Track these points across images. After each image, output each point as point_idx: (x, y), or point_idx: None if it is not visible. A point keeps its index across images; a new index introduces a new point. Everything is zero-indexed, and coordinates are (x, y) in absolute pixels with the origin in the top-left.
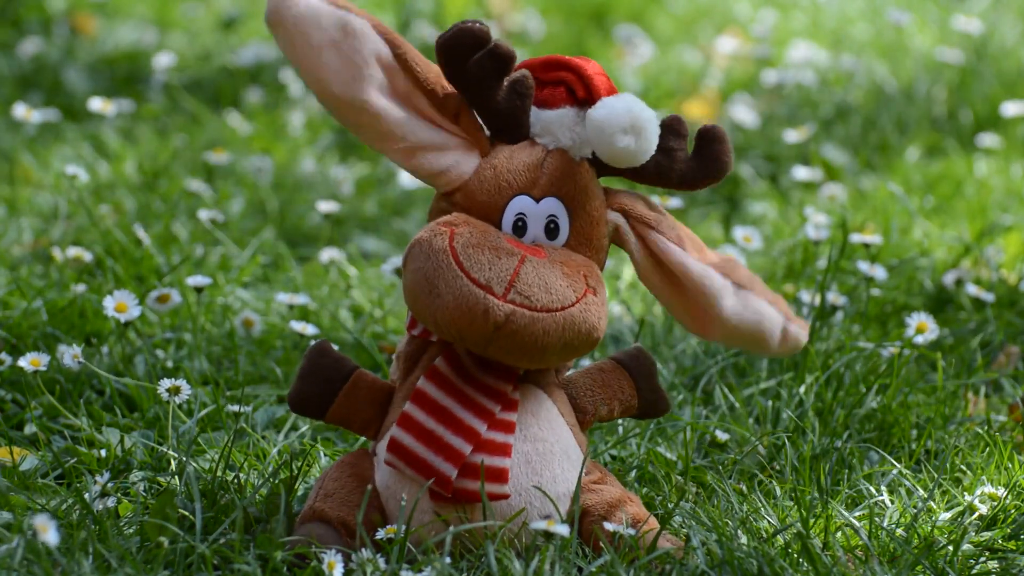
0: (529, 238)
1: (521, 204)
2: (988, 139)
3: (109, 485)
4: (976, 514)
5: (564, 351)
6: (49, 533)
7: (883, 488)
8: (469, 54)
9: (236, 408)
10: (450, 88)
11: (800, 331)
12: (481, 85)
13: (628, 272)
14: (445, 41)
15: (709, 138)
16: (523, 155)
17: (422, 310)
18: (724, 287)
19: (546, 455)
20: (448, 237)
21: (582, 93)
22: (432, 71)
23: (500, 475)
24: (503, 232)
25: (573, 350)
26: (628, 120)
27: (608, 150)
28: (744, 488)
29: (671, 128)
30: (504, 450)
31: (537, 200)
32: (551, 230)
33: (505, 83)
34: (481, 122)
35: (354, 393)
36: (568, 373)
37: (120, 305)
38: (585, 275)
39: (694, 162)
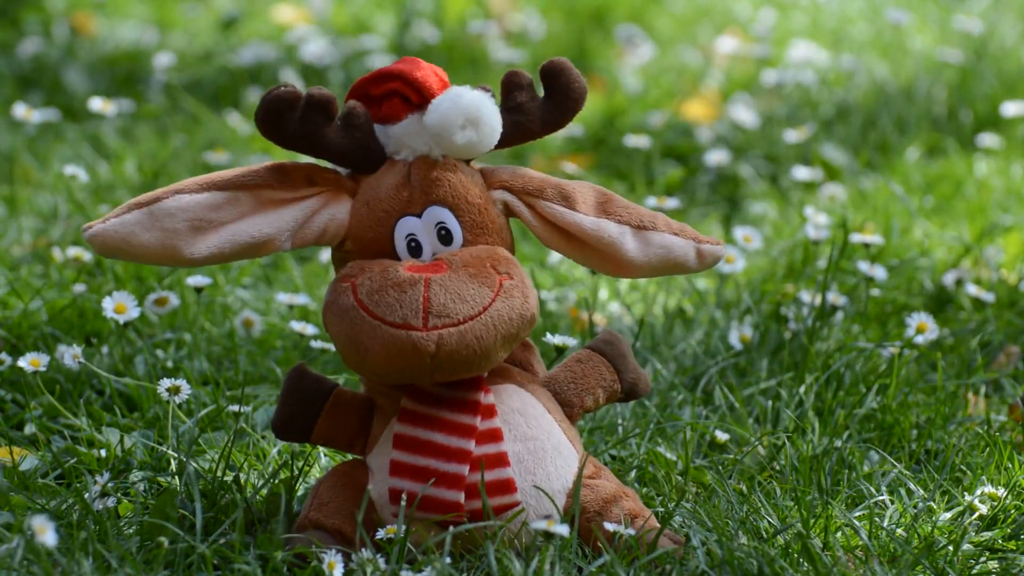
0: (428, 253)
1: (406, 225)
2: (988, 139)
3: (109, 485)
4: (976, 514)
5: (506, 344)
6: (48, 534)
7: (883, 488)
8: (288, 117)
9: (236, 408)
10: (287, 163)
11: (714, 247)
12: (315, 138)
13: None
14: (261, 118)
15: (553, 73)
16: (388, 179)
17: (359, 367)
18: (621, 232)
19: (537, 453)
20: (351, 291)
21: (416, 99)
22: (260, 168)
23: (507, 486)
24: (402, 260)
25: (515, 338)
26: (461, 116)
27: (453, 149)
28: (744, 488)
29: (511, 84)
30: (501, 460)
31: (419, 215)
32: (444, 236)
33: (336, 123)
34: (336, 167)
35: (336, 410)
36: (549, 371)
37: (119, 306)
38: (492, 265)
39: (549, 103)
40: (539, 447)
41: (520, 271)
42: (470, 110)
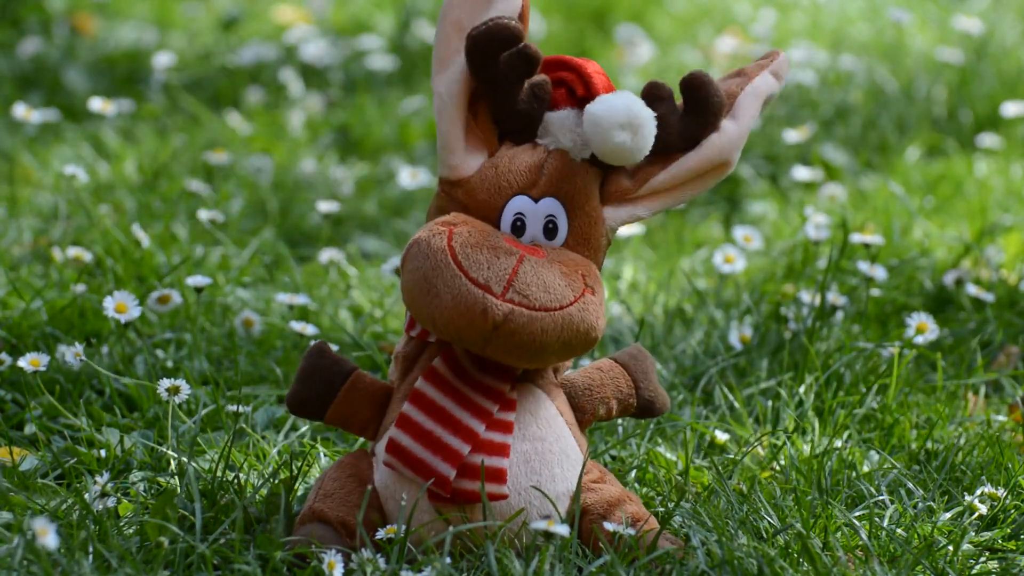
0: (528, 238)
1: (520, 204)
2: (988, 139)
3: (109, 485)
4: (976, 514)
5: (562, 350)
6: (49, 536)
7: (883, 488)
8: (499, 51)
9: (236, 408)
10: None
11: (779, 60)
12: (507, 83)
13: (628, 272)
14: (479, 35)
15: (694, 87)
16: (525, 156)
17: (420, 310)
18: (724, 135)
19: (545, 455)
20: (447, 236)
21: (581, 91)
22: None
23: (499, 475)
24: (502, 232)
25: (571, 349)
26: (625, 116)
27: (604, 146)
28: (744, 488)
29: (651, 96)
30: (502, 450)
31: (536, 200)
32: (549, 230)
33: (526, 85)
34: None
35: (353, 394)
36: (567, 373)
37: (120, 305)
38: (583, 275)
39: (688, 117)
40: (547, 449)
41: (603, 294)
42: (634, 113)
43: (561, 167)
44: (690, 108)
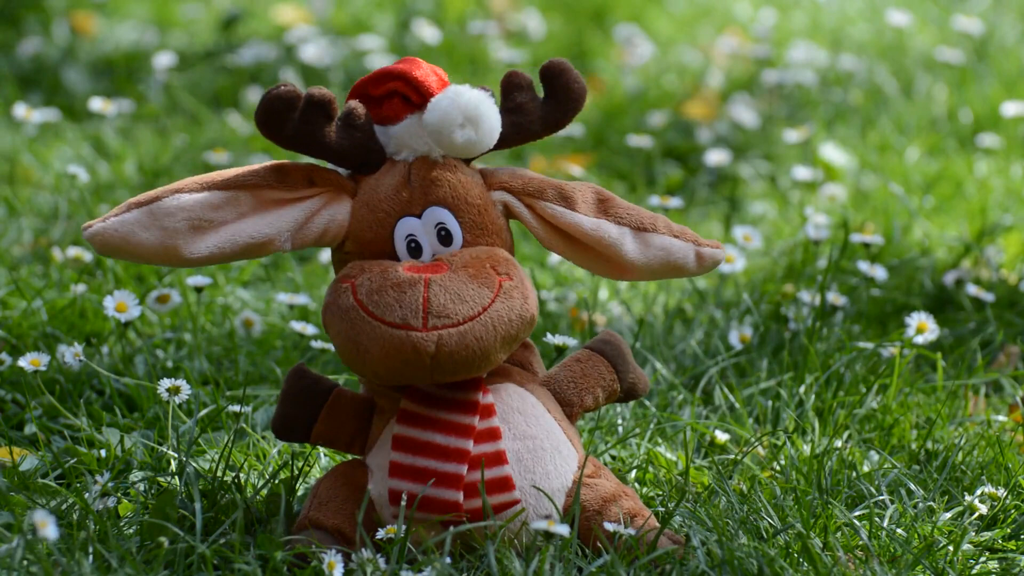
0: (428, 253)
1: (406, 226)
2: (988, 139)
3: (109, 485)
4: (976, 514)
5: (507, 345)
6: (49, 528)
7: (883, 488)
8: (288, 116)
9: (236, 408)
10: (287, 163)
11: (714, 250)
12: (315, 138)
13: None
14: (261, 117)
15: (553, 74)
16: (388, 179)
17: (358, 368)
18: (621, 234)
19: (537, 451)
20: (351, 292)
21: (416, 98)
22: (260, 168)
23: (505, 484)
24: (402, 261)
25: (514, 340)
26: (460, 114)
27: (452, 148)
28: (744, 488)
29: (511, 84)
30: (499, 458)
31: (419, 215)
32: (444, 237)
33: (336, 123)
34: (336, 168)
35: (335, 411)
36: (549, 371)
37: (120, 305)
38: (492, 266)
39: (549, 104)
40: (538, 446)
41: (520, 272)
42: (469, 109)
43: (426, 173)
44: (551, 95)
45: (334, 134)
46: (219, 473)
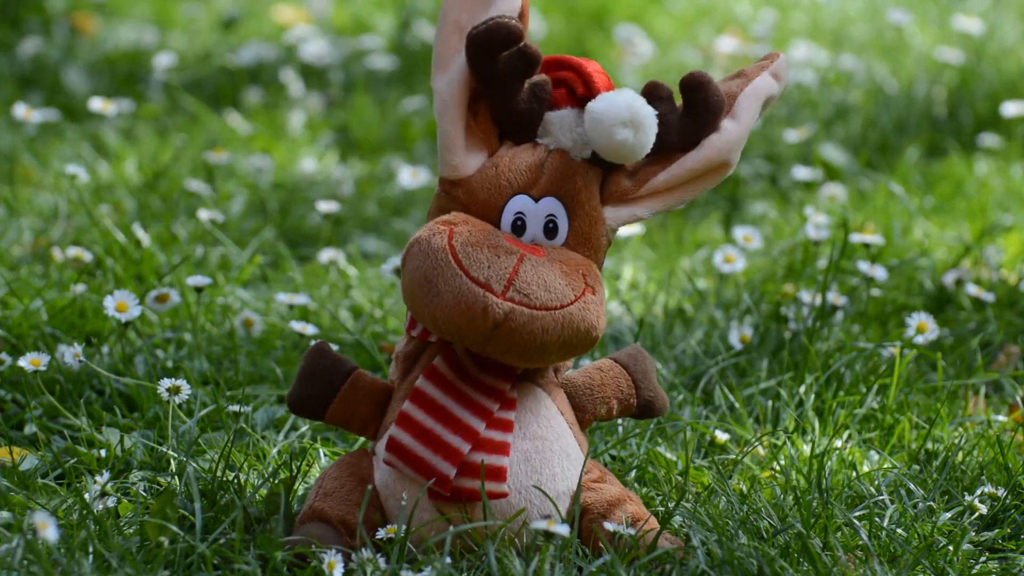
0: (528, 237)
1: (520, 203)
2: (988, 139)
3: (109, 485)
4: (976, 514)
5: (562, 350)
6: (49, 530)
7: (883, 488)
8: (500, 50)
9: (236, 408)
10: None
11: (778, 61)
12: (506, 83)
13: (628, 272)
14: (478, 34)
15: (693, 87)
16: (525, 156)
17: (421, 309)
18: (724, 135)
19: (546, 453)
20: (447, 236)
21: (582, 91)
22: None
23: (498, 474)
24: (502, 231)
25: (571, 349)
26: (627, 114)
27: (606, 144)
28: (744, 488)
29: (652, 95)
30: (502, 449)
31: (536, 200)
32: (550, 229)
33: (527, 85)
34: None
35: (353, 393)
36: (567, 373)
37: (120, 305)
38: (584, 274)
39: (688, 118)
40: (548, 447)
41: (604, 293)
42: (636, 111)
43: (561, 166)
44: (689, 108)
45: (521, 92)
46: (219, 473)
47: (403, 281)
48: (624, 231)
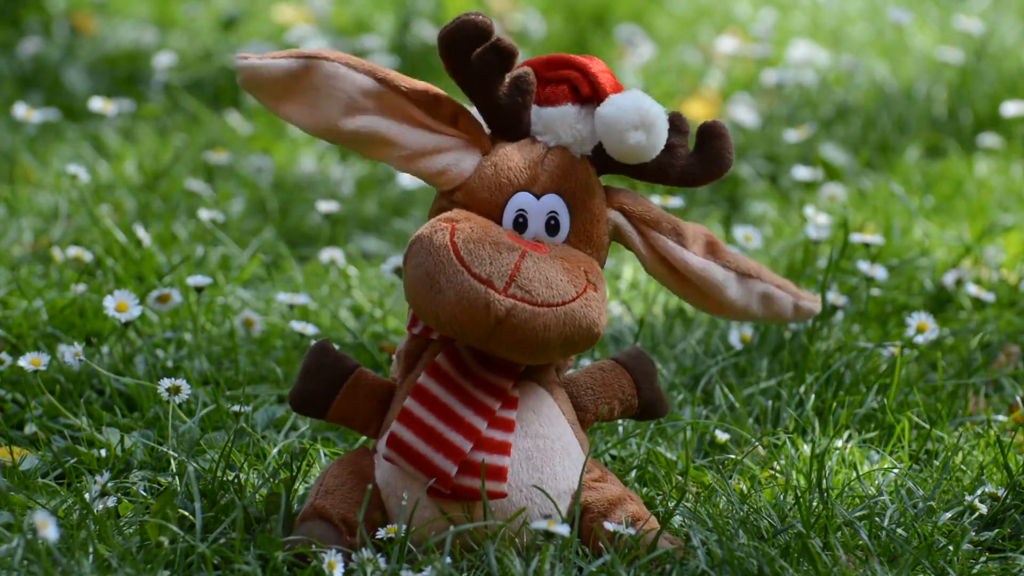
0: (530, 234)
1: (522, 201)
2: (988, 139)
3: (109, 485)
4: (976, 514)
5: (564, 346)
6: (49, 529)
7: (883, 488)
8: (472, 47)
9: (236, 408)
10: (442, 94)
11: (811, 303)
12: (483, 79)
13: (628, 272)
14: (448, 33)
15: (711, 134)
16: (523, 152)
17: (423, 306)
18: (727, 278)
19: (547, 452)
20: (449, 233)
21: (587, 91)
22: (419, 85)
23: (499, 473)
24: (504, 228)
25: (573, 346)
26: (638, 117)
27: (618, 147)
28: (744, 488)
29: (673, 125)
30: (503, 448)
31: (538, 197)
32: (551, 226)
33: (507, 79)
34: (481, 121)
35: (355, 391)
36: (569, 372)
37: (120, 305)
38: (585, 271)
39: (695, 159)
40: (549, 446)
41: (605, 291)
42: (648, 114)
43: (562, 163)
44: (701, 151)
45: (502, 87)
46: (219, 473)
47: (405, 278)
48: None
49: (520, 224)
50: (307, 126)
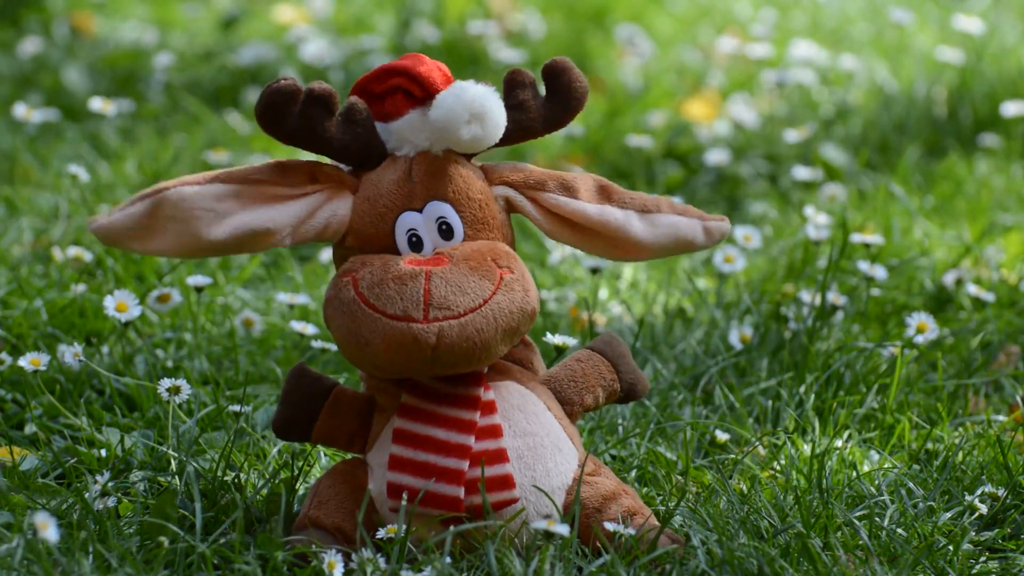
0: (429, 249)
1: (407, 220)
2: (988, 139)
3: (109, 485)
4: (976, 514)
5: (507, 338)
6: (49, 530)
7: (883, 488)
8: (288, 111)
9: (236, 408)
10: (289, 161)
11: (720, 223)
12: (315, 133)
13: (628, 272)
14: (261, 111)
15: (555, 72)
16: (389, 174)
17: (360, 361)
18: (627, 216)
19: (537, 449)
20: (352, 285)
21: (419, 93)
22: (264, 166)
23: (506, 482)
24: (403, 255)
25: (515, 332)
26: (467, 111)
27: (459, 144)
28: (744, 488)
29: (513, 82)
30: (501, 456)
31: (420, 210)
32: (445, 231)
33: (337, 118)
34: (339, 164)
35: (336, 408)
36: (549, 370)
37: (120, 304)
38: (493, 259)
39: (550, 102)
40: (538, 443)
41: (520, 265)
42: (475, 105)
43: (429, 168)
44: (552, 93)
45: (335, 129)
46: (219, 473)
47: (335, 341)
48: None
49: (416, 243)
50: (183, 254)
